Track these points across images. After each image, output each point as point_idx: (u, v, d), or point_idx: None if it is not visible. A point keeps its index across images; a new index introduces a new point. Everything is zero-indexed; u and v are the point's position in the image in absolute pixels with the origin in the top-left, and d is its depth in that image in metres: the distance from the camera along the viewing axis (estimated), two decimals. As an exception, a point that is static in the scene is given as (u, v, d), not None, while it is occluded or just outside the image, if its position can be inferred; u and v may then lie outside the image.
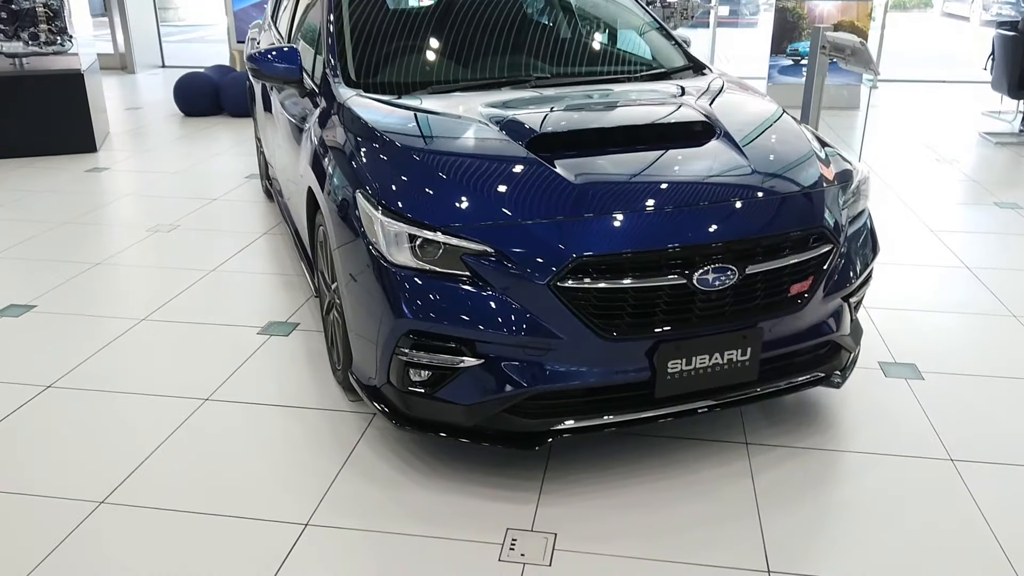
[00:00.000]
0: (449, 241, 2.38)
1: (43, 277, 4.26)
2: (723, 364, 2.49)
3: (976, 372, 3.29)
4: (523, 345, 2.37)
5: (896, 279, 4.24)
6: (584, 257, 2.31)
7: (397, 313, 2.43)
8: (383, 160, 2.67)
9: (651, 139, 2.82)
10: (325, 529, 2.40)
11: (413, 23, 3.57)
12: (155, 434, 2.87)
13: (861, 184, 2.91)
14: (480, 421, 2.46)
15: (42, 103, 6.66)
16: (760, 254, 2.46)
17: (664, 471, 2.67)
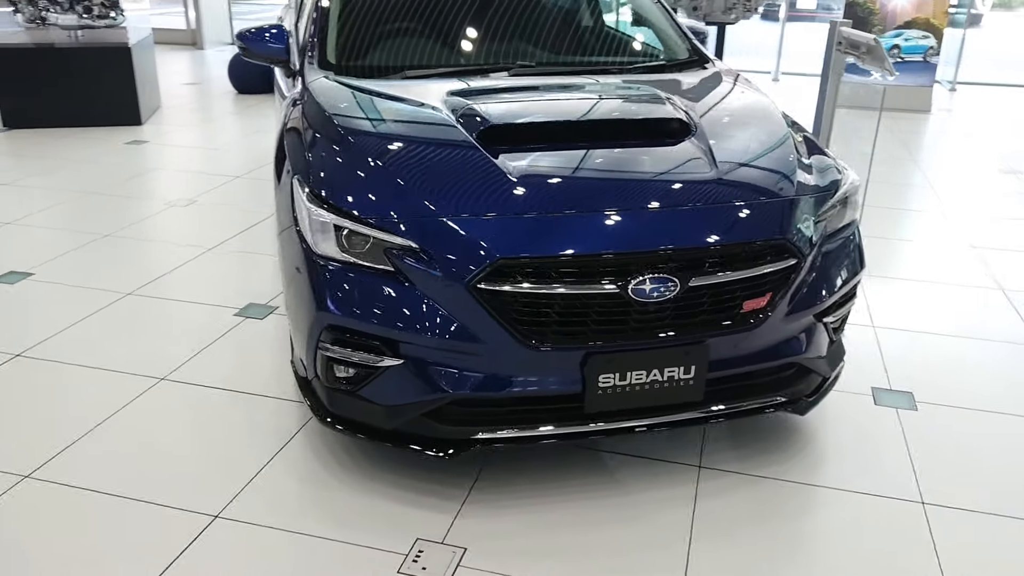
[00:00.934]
0: (373, 234, 2.27)
1: (50, 245, 4.34)
2: (663, 382, 2.31)
3: (977, 406, 3.00)
4: (444, 348, 2.24)
5: (917, 297, 3.94)
6: (507, 259, 2.17)
7: (319, 306, 2.33)
8: (324, 146, 2.57)
9: (617, 135, 2.65)
10: (233, 523, 2.34)
11: (402, 5, 3.46)
12: (100, 411, 2.85)
13: (850, 195, 2.67)
14: (400, 424, 2.35)
15: (91, 75, 6.82)
16: (707, 265, 2.27)
17: (604, 490, 2.51)
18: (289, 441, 2.70)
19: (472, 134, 2.52)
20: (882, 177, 6.05)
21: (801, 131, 2.91)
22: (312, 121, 2.71)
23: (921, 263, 4.40)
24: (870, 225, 4.96)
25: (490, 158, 2.41)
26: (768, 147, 2.69)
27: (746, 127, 2.82)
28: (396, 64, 3.18)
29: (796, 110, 7.99)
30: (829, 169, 2.69)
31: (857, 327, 3.58)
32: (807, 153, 2.72)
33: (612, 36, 3.49)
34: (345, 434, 2.44)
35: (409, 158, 2.46)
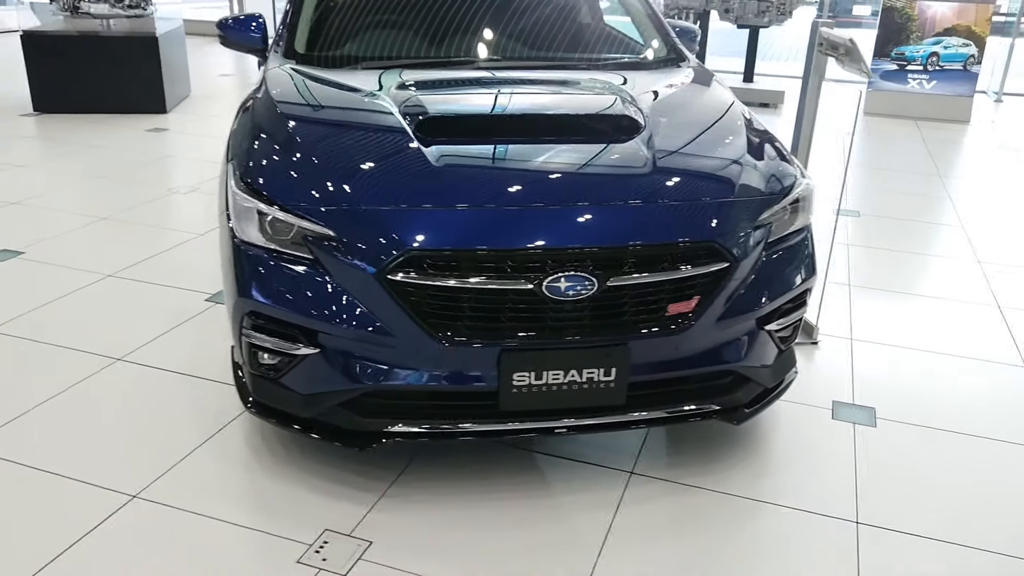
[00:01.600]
0: (292, 221, 2.26)
1: (48, 226, 4.45)
2: (582, 383, 2.25)
3: (942, 426, 2.87)
4: (357, 339, 2.22)
5: (905, 311, 3.79)
6: (417, 250, 2.14)
7: (240, 292, 2.34)
8: (262, 133, 2.58)
9: (560, 131, 2.60)
10: (149, 504, 2.35)
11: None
12: (51, 388, 2.91)
13: (801, 199, 2.57)
14: (316, 413, 2.34)
15: (119, 63, 6.98)
16: (627, 265, 2.20)
17: (528, 490, 2.46)
18: (226, 426, 2.71)
19: (410, 125, 2.50)
20: (899, 186, 5.85)
21: (763, 134, 2.81)
22: (259, 109, 2.72)
23: (918, 276, 4.24)
24: (871, 234, 4.80)
25: (420, 149, 2.39)
26: (715, 148, 2.61)
27: (699, 128, 2.74)
28: (362, 55, 3.18)
29: (830, 117, 7.82)
30: (782, 173, 2.60)
31: (832, 338, 3.46)
32: (763, 156, 2.63)
33: (587, 32, 3.43)
34: (265, 421, 2.44)
35: (339, 147, 2.45)
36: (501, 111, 2.65)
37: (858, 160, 6.62)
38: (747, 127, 2.76)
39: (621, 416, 2.35)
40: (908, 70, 8.25)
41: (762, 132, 2.81)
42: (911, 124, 8.00)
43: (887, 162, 6.67)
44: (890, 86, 8.32)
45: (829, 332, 3.51)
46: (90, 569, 2.12)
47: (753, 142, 2.68)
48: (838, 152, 6.74)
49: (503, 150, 2.45)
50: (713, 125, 2.76)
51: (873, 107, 8.35)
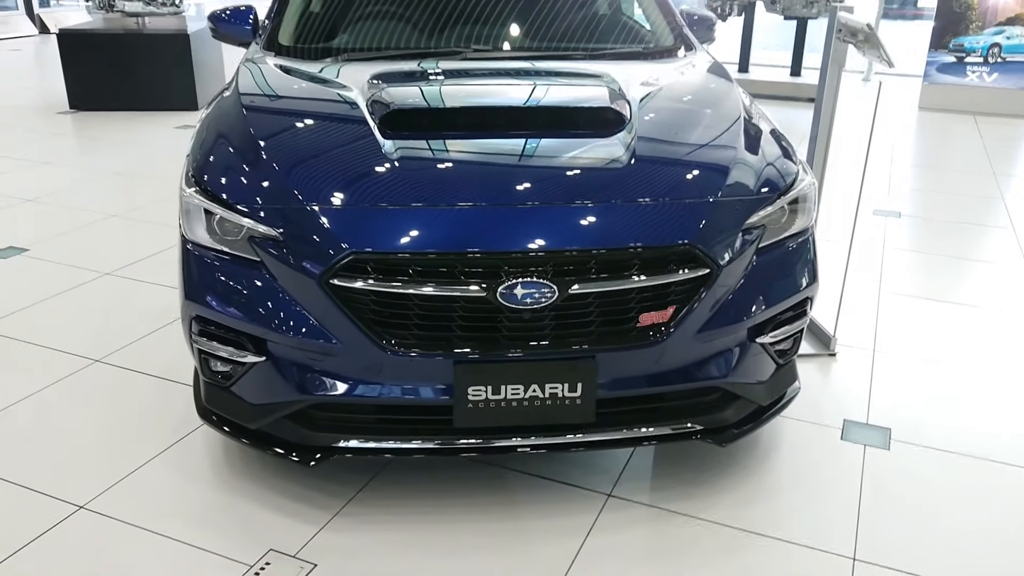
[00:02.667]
0: (237, 220, 2.12)
1: (57, 223, 4.44)
2: (544, 399, 2.07)
3: (962, 450, 2.60)
4: (302, 348, 2.08)
5: (937, 320, 3.49)
6: (360, 253, 1.98)
7: (186, 294, 2.22)
8: (220, 128, 2.45)
9: (537, 125, 2.41)
10: (94, 516, 2.25)
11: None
12: (23, 389, 2.84)
13: (802, 200, 2.34)
14: (264, 425, 2.20)
15: (152, 61, 7.02)
16: (591, 271, 2.01)
17: (495, 513, 2.29)
18: (188, 435, 2.60)
19: (375, 119, 2.34)
20: (948, 186, 5.48)
21: (765, 128, 2.57)
22: (223, 103, 2.60)
23: (958, 283, 3.92)
24: (911, 237, 4.48)
25: (378, 145, 2.23)
26: (705, 143, 2.39)
27: (691, 122, 2.53)
28: (346, 47, 3.03)
29: (884, 112, 7.42)
30: (780, 170, 2.36)
31: (852, 350, 3.20)
32: (760, 152, 2.40)
33: (587, 20, 3.22)
34: (217, 431, 2.31)
35: (295, 144, 2.31)
36: (472, 104, 2.48)
37: (906, 158, 6.25)
38: (747, 121, 2.53)
39: (590, 435, 2.15)
40: (967, 62, 7.79)
41: (764, 126, 2.58)
42: (969, 120, 7.54)
43: (938, 160, 6.28)
44: (947, 79, 7.87)
45: (849, 343, 3.24)
46: (19, 585, 2.02)
47: (751, 137, 2.45)
48: (886, 149, 6.37)
49: (466, 146, 2.28)
50: (707, 119, 2.54)
51: (929, 102, 7.91)
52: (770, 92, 8.33)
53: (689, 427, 2.23)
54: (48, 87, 8.06)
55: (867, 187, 5.32)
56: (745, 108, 2.64)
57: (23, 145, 6.06)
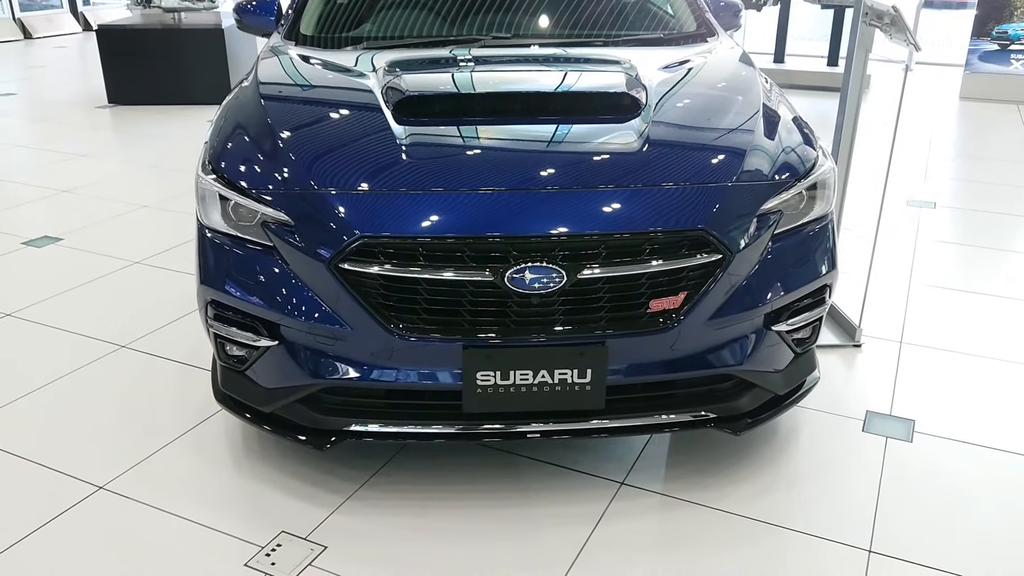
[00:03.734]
0: (251, 205, 2.14)
1: (90, 213, 4.53)
2: (554, 384, 2.06)
3: (987, 443, 2.53)
4: (313, 332, 2.09)
5: (966, 312, 3.40)
6: (370, 238, 1.98)
7: (201, 279, 2.25)
8: (236, 115, 2.48)
9: (547, 111, 2.39)
10: (113, 496, 2.29)
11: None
12: (50, 373, 2.90)
13: (820, 185, 2.30)
14: (277, 409, 2.22)
15: (187, 56, 7.13)
16: (600, 256, 1.99)
17: (506, 499, 2.28)
18: (207, 419, 2.64)
19: (389, 106, 2.35)
20: (987, 176, 5.34)
21: (785, 114, 2.53)
22: (242, 91, 2.63)
23: (990, 275, 3.81)
24: (945, 227, 4.38)
25: (390, 131, 2.23)
26: (722, 129, 2.35)
27: (708, 107, 2.49)
28: (367, 35, 3.05)
29: (924, 102, 7.26)
30: (799, 156, 2.32)
31: (878, 341, 3.13)
32: (779, 138, 2.36)
33: (608, 6, 3.19)
34: (233, 415, 2.34)
35: (308, 129, 2.33)
36: (484, 91, 2.47)
37: (945, 147, 6.10)
38: (766, 107, 2.49)
39: (600, 422, 2.14)
40: (1011, 50, 7.58)
41: (784, 112, 2.53)
42: (1012, 109, 7.34)
43: (977, 150, 6.13)
44: (990, 68, 7.67)
45: (875, 334, 3.18)
46: (39, 561, 2.06)
47: (769, 123, 2.41)
48: (924, 139, 6.23)
49: (477, 131, 2.27)
50: (725, 105, 2.50)
51: (971, 91, 7.72)
52: (807, 82, 8.19)
53: (702, 415, 2.20)
54: (88, 82, 8.23)
55: (903, 177, 5.21)
56: (765, 93, 2.60)
57: (62, 138, 6.20)
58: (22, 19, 11.55)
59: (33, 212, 4.57)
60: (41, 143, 6.12)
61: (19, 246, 4.08)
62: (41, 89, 8.16)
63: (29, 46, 11.09)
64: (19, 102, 7.53)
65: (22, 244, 4.10)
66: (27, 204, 4.70)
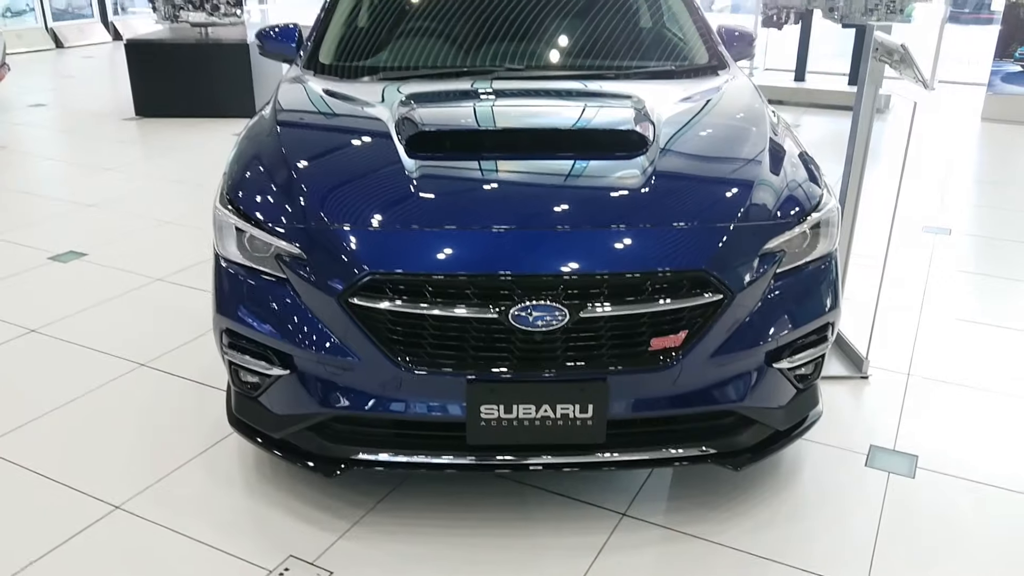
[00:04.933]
0: (266, 239, 2.21)
1: (116, 228, 4.64)
2: (555, 419, 2.10)
3: (991, 481, 2.54)
4: (322, 363, 2.15)
5: (978, 345, 3.40)
6: (379, 274, 2.04)
7: (216, 308, 2.32)
8: (253, 146, 2.55)
9: (560, 147, 2.44)
10: (129, 517, 2.36)
11: (402, 4, 3.38)
12: (73, 391, 2.99)
13: (824, 224, 2.33)
14: (287, 435, 2.29)
15: (213, 69, 7.26)
16: (602, 295, 2.04)
17: (509, 528, 2.33)
18: (220, 440, 2.71)
19: (402, 140, 2.41)
20: (1006, 202, 5.32)
21: (791, 150, 2.56)
22: (260, 122, 2.70)
23: (1006, 306, 3.81)
24: (960, 255, 4.37)
25: (401, 167, 2.29)
26: (727, 166, 2.40)
27: (714, 144, 2.54)
28: (383, 65, 3.11)
29: (944, 123, 7.23)
30: (803, 194, 2.36)
31: (886, 373, 3.15)
32: (783, 175, 2.39)
33: (620, 39, 3.24)
34: (245, 439, 2.41)
35: (322, 164, 2.40)
36: (497, 126, 2.53)
37: (964, 171, 6.08)
38: (772, 143, 2.52)
39: (601, 456, 2.18)
40: (1034, 72, 7.53)
41: (790, 148, 2.57)
42: (1033, 131, 7.30)
43: (997, 174, 6.10)
44: (1012, 89, 7.62)
45: (883, 365, 3.19)
46: (55, 581, 2.14)
47: (775, 160, 2.45)
48: (945, 162, 6.22)
49: (486, 167, 2.33)
50: (731, 142, 2.54)
51: (992, 112, 7.68)
52: (827, 101, 8.19)
53: (703, 451, 2.24)
54: (116, 94, 8.39)
55: (920, 202, 5.21)
56: (772, 128, 2.63)
57: (89, 151, 6.34)
58: (54, 29, 11.79)
59: (60, 226, 4.69)
60: (69, 155, 6.26)
61: (46, 261, 4.19)
62: (70, 100, 8.34)
63: (60, 55, 11.32)
64: (49, 113, 7.71)
65: (48, 259, 4.21)
66: (55, 218, 4.82)
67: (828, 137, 7.15)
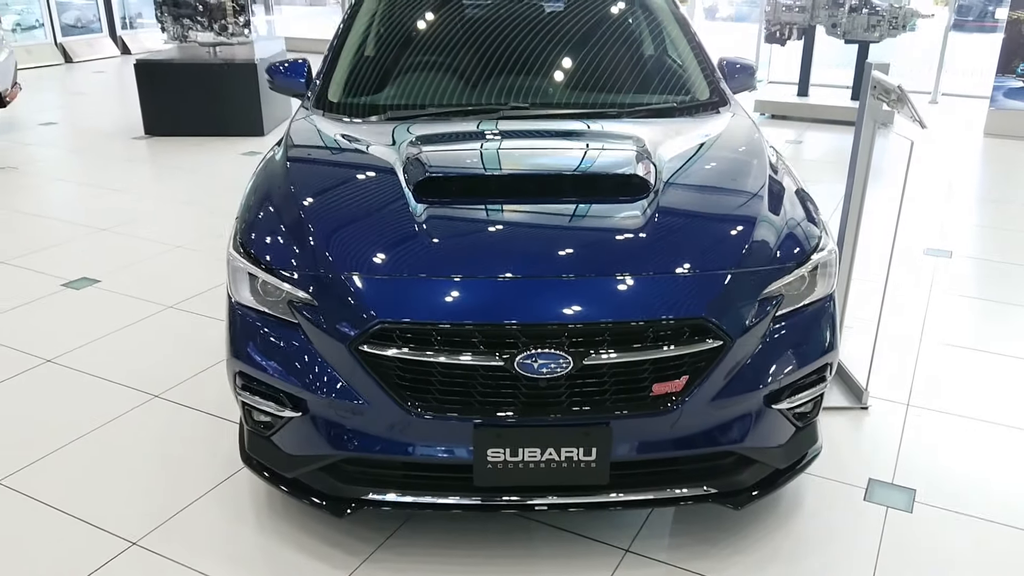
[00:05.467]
0: (279, 285, 2.28)
1: (127, 254, 4.72)
2: (560, 462, 2.16)
3: (987, 516, 2.59)
4: (333, 407, 2.22)
5: (980, 373, 3.45)
6: (388, 323, 2.11)
7: (231, 351, 2.38)
8: (265, 190, 2.62)
9: (560, 193, 2.50)
10: (144, 553, 2.43)
11: (407, 40, 3.45)
12: (88, 423, 3.06)
13: (822, 267, 2.39)
14: (299, 475, 2.35)
15: (221, 89, 7.35)
16: (606, 343, 2.10)
17: (513, 564, 2.39)
18: (234, 474, 2.77)
19: (410, 185, 2.48)
20: (1009, 223, 5.37)
21: (789, 191, 2.62)
22: (271, 164, 2.77)
23: (1009, 333, 3.85)
24: (961, 279, 4.42)
25: (409, 214, 2.36)
26: (727, 211, 2.46)
27: (714, 188, 2.60)
28: (391, 103, 3.18)
29: (945, 137, 7.27)
30: (802, 237, 2.42)
31: (886, 403, 3.20)
32: (782, 218, 2.45)
33: (626, 73, 3.30)
34: (258, 476, 2.47)
35: (332, 210, 2.46)
36: (503, 168, 2.59)
37: (966, 190, 6.13)
38: (771, 182, 2.58)
39: (605, 496, 2.24)
40: (1036, 88, 7.57)
41: (789, 186, 2.63)
42: (1038, 147, 7.34)
43: (999, 192, 6.14)
44: (1015, 105, 7.67)
45: (883, 395, 3.25)
46: (75, 619, 2.20)
47: (774, 202, 2.51)
48: (947, 180, 6.26)
49: (492, 213, 2.39)
50: (731, 185, 2.60)
51: (995, 128, 7.73)
52: (830, 116, 8.24)
53: (704, 490, 2.29)
54: (126, 111, 8.48)
55: (921, 222, 5.26)
56: (772, 166, 2.69)
57: (99, 171, 6.43)
58: (64, 44, 11.91)
59: (72, 251, 4.77)
60: (80, 176, 6.34)
61: (59, 288, 4.26)
62: (80, 118, 8.43)
63: (69, 70, 11.44)
64: (59, 131, 7.80)
65: (62, 286, 4.29)
66: (67, 243, 4.90)
67: (831, 154, 7.21)
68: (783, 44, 8.49)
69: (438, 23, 3.49)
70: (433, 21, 3.51)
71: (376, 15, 3.57)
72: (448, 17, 3.49)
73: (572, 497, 2.23)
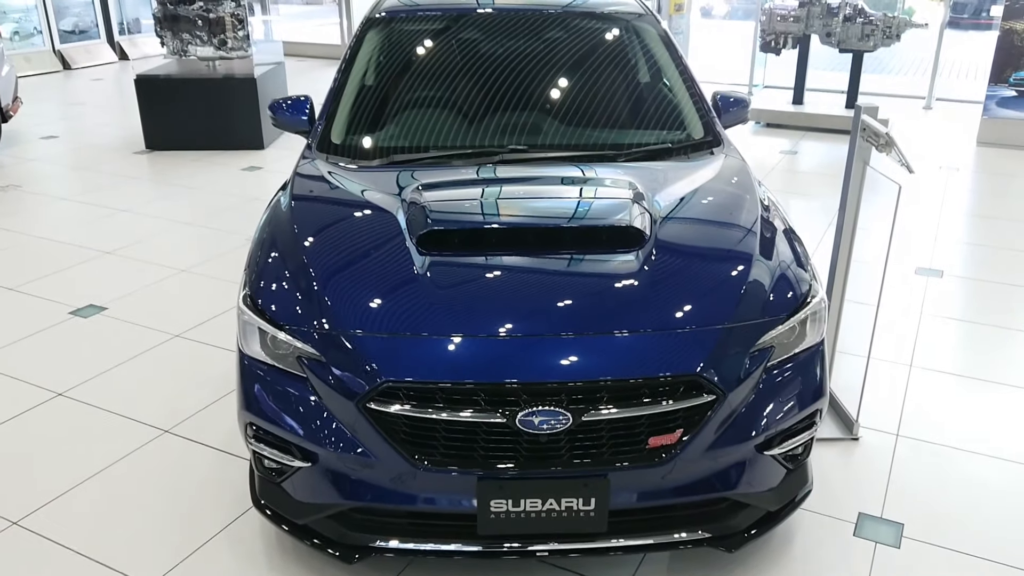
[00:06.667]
0: (289, 341, 2.36)
1: (132, 279, 4.79)
2: (560, 511, 2.26)
3: (976, 552, 2.68)
4: (342, 460, 2.31)
5: (971, 401, 3.54)
6: (393, 382, 2.19)
7: (242, 403, 2.46)
8: (272, 243, 2.70)
9: (563, 243, 2.59)
10: (160, 596, 2.52)
11: (406, 84, 3.52)
12: (102, 461, 3.14)
13: (812, 316, 2.47)
14: (309, 521, 2.44)
15: (222, 103, 7.41)
16: (603, 400, 2.19)
17: (517, 604, 2.48)
18: (243, 513, 2.86)
19: (412, 237, 2.56)
20: (1003, 239, 5.44)
21: (780, 237, 2.71)
22: (277, 214, 2.85)
23: (1002, 358, 3.94)
24: (953, 300, 4.50)
25: (413, 270, 2.44)
26: (719, 263, 2.54)
27: (707, 237, 2.69)
28: (394, 145, 3.26)
29: (938, 146, 7.34)
30: (793, 286, 2.50)
31: (876, 434, 3.29)
32: (774, 267, 2.54)
33: (621, 114, 3.38)
34: (268, 521, 2.56)
35: (337, 266, 2.54)
36: (502, 218, 2.68)
37: (959, 204, 6.21)
38: (763, 224, 2.68)
39: (603, 543, 2.33)
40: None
41: (780, 228, 2.73)
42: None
43: (990, 207, 6.21)
44: (1008, 114, 7.74)
45: (873, 425, 3.34)
46: (95, 664, 2.29)
47: (766, 249, 2.60)
48: (939, 194, 6.34)
49: (491, 269, 2.48)
50: (724, 238, 2.68)
51: (988, 136, 7.80)
52: (825, 125, 8.31)
53: (699, 535, 2.39)
54: (126, 123, 8.53)
55: (912, 240, 5.34)
56: (764, 209, 2.78)
57: (102, 189, 6.49)
58: (61, 51, 11.94)
59: (78, 276, 4.84)
60: (83, 195, 6.41)
61: (67, 316, 4.34)
62: (81, 132, 8.47)
63: (68, 77, 11.47)
64: (61, 146, 7.85)
65: (69, 314, 4.36)
66: (73, 267, 4.98)
67: (825, 165, 7.28)
68: (778, 53, 8.56)
69: (437, 62, 3.56)
70: (432, 61, 3.58)
71: (375, 55, 3.64)
72: (447, 56, 3.56)
73: (572, 543, 2.32)
